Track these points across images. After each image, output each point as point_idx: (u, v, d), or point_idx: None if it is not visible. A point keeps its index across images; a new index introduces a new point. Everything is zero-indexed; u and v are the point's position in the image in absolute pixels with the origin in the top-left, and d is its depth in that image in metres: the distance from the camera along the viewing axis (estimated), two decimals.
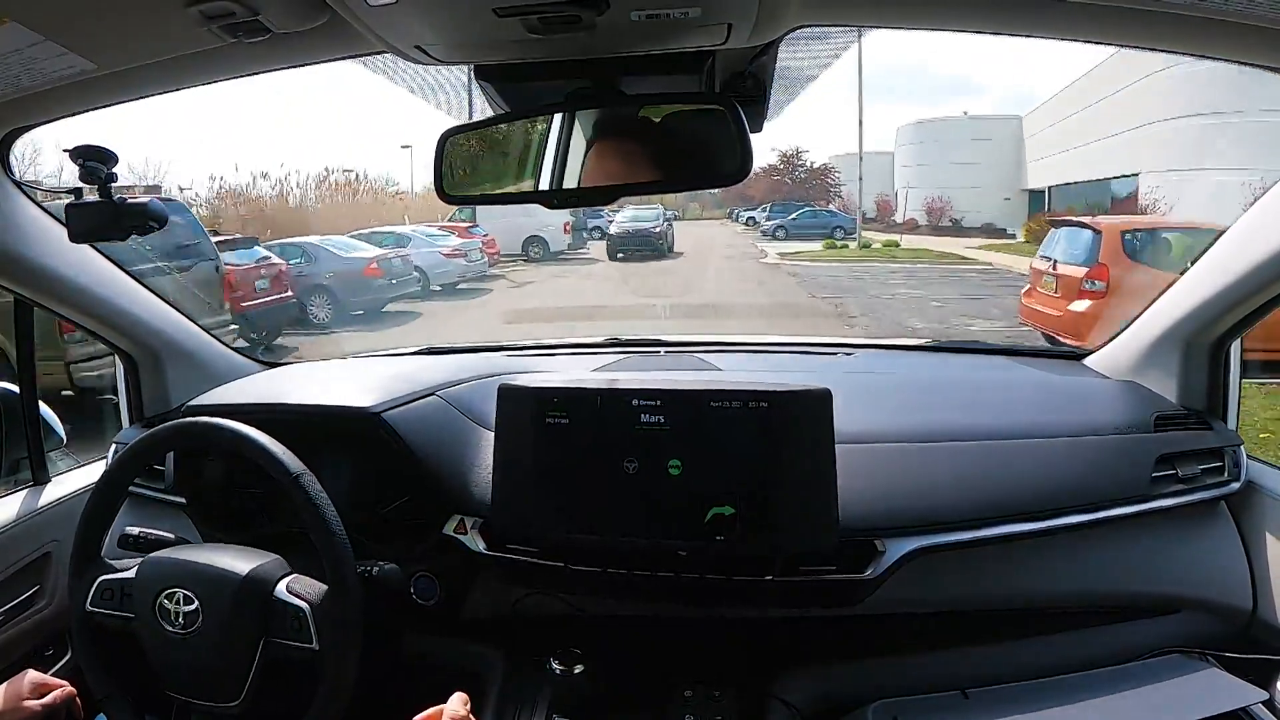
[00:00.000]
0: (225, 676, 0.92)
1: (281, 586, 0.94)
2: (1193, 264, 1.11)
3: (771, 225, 21.29)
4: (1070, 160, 18.04)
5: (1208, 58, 0.78)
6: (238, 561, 0.95)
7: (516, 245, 15.00)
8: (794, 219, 21.26)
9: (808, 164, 29.97)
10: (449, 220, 14.61)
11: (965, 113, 25.32)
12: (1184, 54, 0.80)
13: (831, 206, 24.44)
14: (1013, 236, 18.94)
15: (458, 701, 0.81)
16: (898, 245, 17.57)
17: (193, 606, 0.91)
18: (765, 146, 28.35)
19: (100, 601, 0.98)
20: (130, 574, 0.97)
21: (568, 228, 16.19)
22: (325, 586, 0.93)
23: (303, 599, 0.93)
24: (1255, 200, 1.00)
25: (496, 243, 13.61)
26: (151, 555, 0.98)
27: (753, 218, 24.94)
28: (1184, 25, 0.70)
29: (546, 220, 14.92)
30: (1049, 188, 19.94)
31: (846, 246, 17.58)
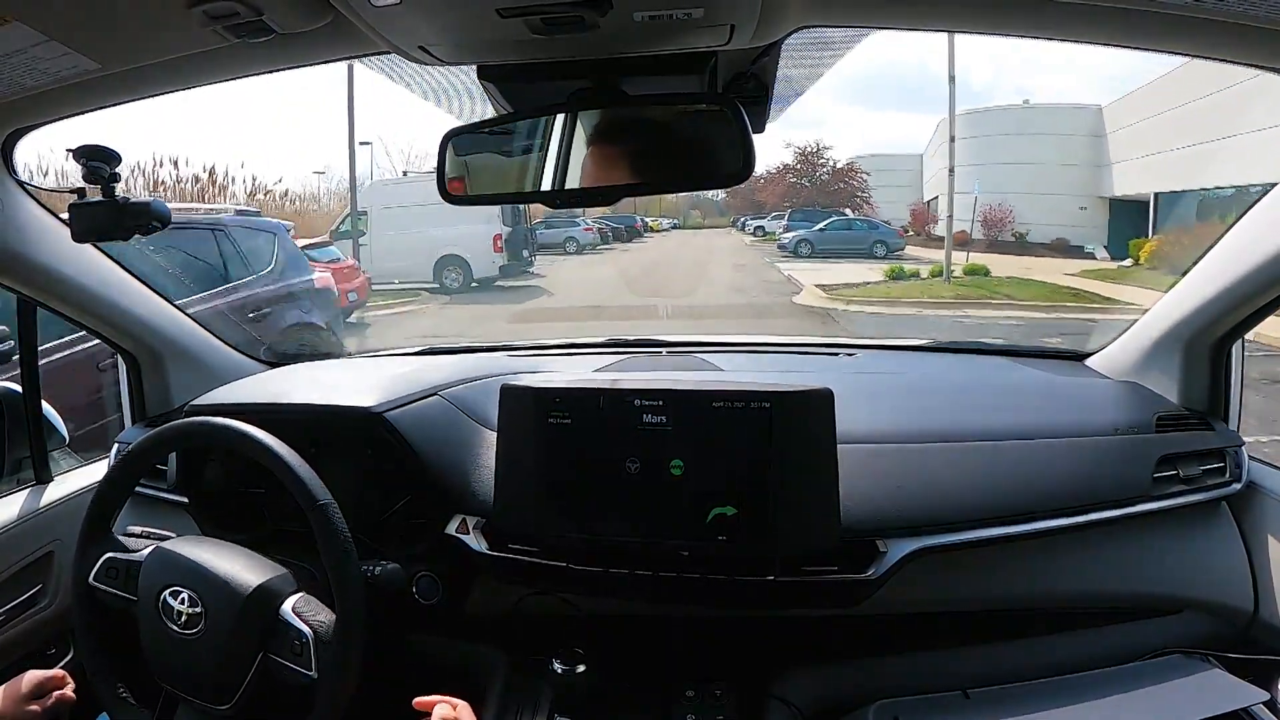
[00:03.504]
0: (219, 681, 0.91)
1: (288, 605, 0.93)
2: (1194, 264, 1.11)
3: (793, 238, 16.55)
4: (1191, 159, 12.88)
5: (1208, 58, 0.78)
6: (247, 571, 0.94)
7: (427, 269, 11.24)
8: (822, 230, 16.60)
9: (830, 163, 24.12)
10: (334, 232, 11.35)
11: (1026, 101, 19.93)
12: (1184, 54, 0.80)
13: (859, 215, 19.69)
14: (1091, 255, 15.29)
15: (446, 707, 0.81)
16: (988, 273, 12.50)
17: (197, 609, 0.91)
18: (779, 143, 24.19)
19: (104, 578, 0.98)
20: (139, 557, 0.97)
21: (499, 242, 11.50)
22: (331, 616, 0.92)
23: (308, 625, 0.91)
24: (1256, 201, 1.00)
25: (358, 273, 8.20)
26: (163, 544, 0.98)
27: (762, 227, 20.98)
28: (1184, 25, 0.70)
29: (468, 231, 10.91)
30: (1155, 195, 14.62)
31: (917, 274, 12.44)
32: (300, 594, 0.95)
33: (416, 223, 11.10)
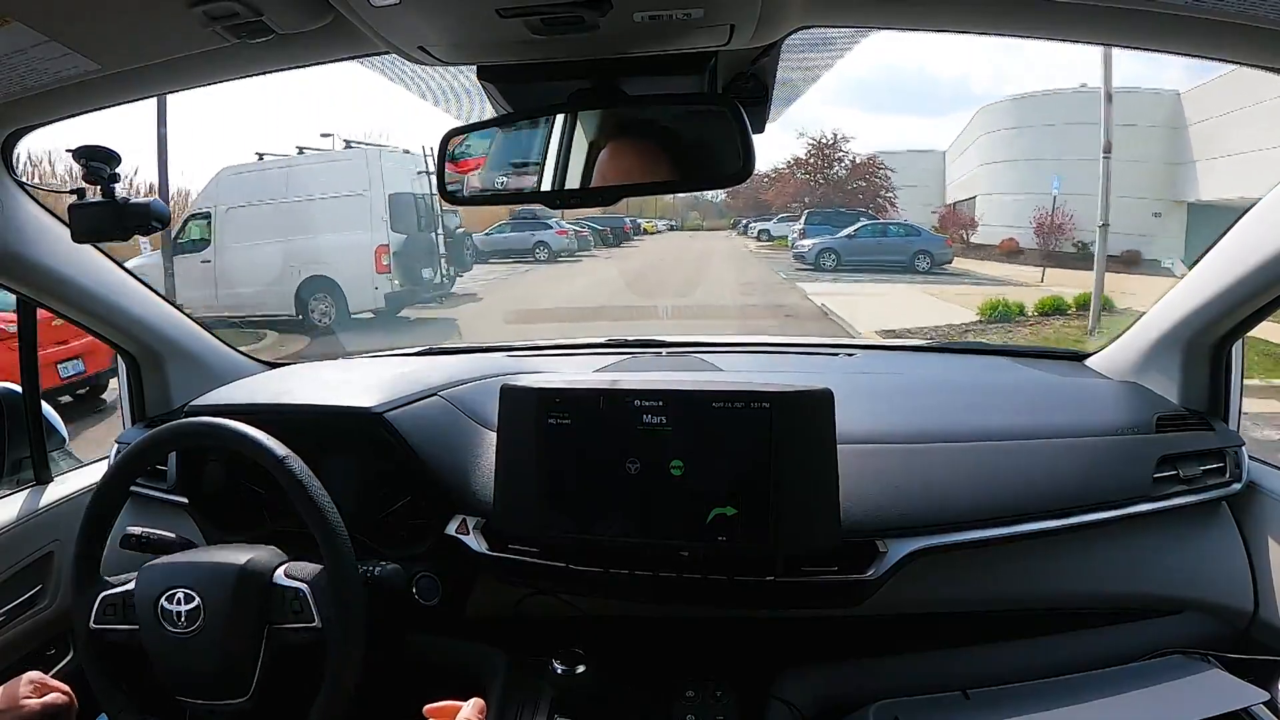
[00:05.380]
0: (232, 671, 0.92)
1: (279, 573, 0.95)
2: (1194, 266, 1.11)
3: (814, 247, 13.19)
4: None
5: (1208, 58, 0.78)
6: (234, 554, 0.95)
7: (289, 297, 7.93)
8: (851, 237, 13.15)
9: (850, 157, 20.34)
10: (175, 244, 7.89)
11: (1083, 85, 15.68)
12: (1184, 54, 0.80)
13: (890, 218, 16.29)
14: (1169, 271, 11.58)
15: (473, 709, 0.81)
16: (1110, 305, 8.36)
17: (193, 604, 0.92)
18: (790, 134, 20.77)
19: (104, 618, 0.98)
20: (130, 585, 0.98)
21: (383, 258, 7.87)
22: (321, 566, 0.94)
23: (300, 580, 0.94)
24: (1256, 203, 1.00)
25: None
26: (148, 564, 0.99)
27: (766, 230, 18.54)
28: (1184, 25, 0.70)
29: (338, 241, 7.72)
30: None
31: (1021, 310, 8.50)
32: (289, 561, 0.97)
33: (272, 228, 7.86)
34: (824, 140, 20.47)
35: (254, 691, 0.92)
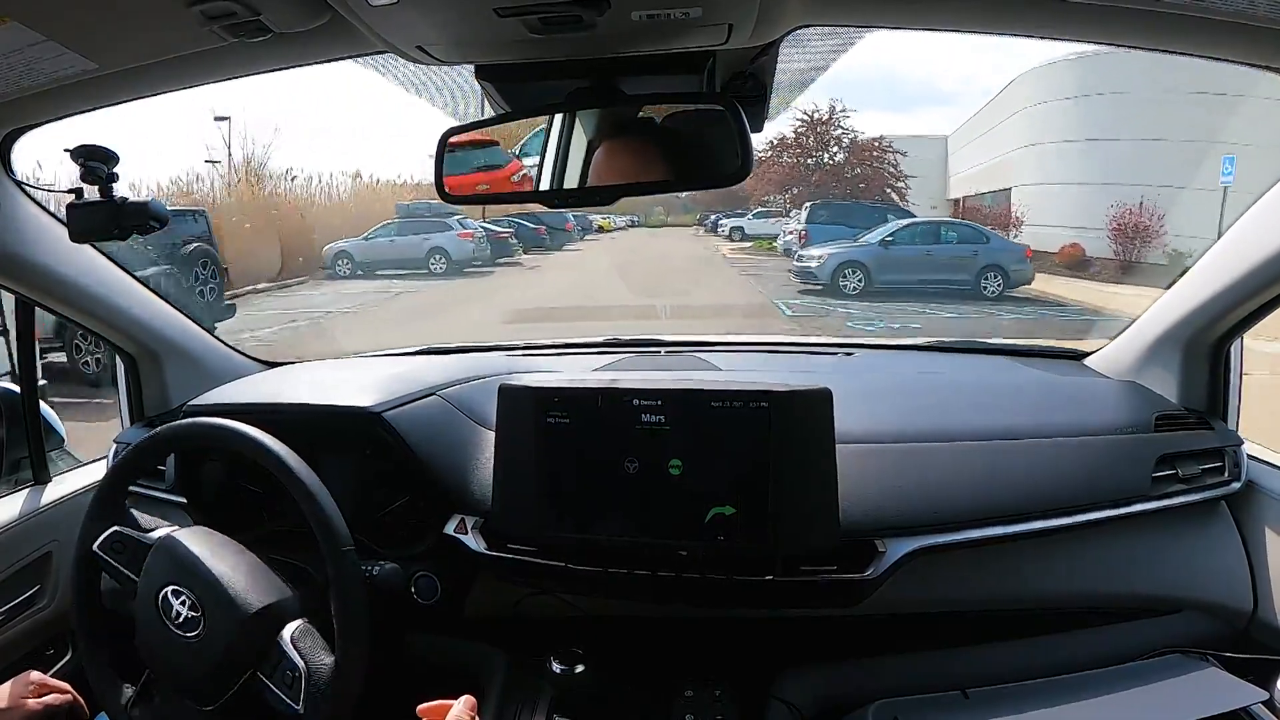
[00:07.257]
0: (205, 684, 0.91)
1: (287, 632, 0.92)
2: (1193, 264, 1.11)
3: (827, 260, 9.21)
4: None
5: (1208, 58, 0.78)
6: (254, 590, 0.93)
7: None
8: (886, 244, 9.21)
9: (851, 135, 16.02)
10: None
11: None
12: (1184, 54, 0.80)
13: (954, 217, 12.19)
14: None
15: (464, 706, 0.81)
16: None
17: (196, 614, 0.91)
18: (776, 108, 17.20)
19: (109, 549, 0.97)
20: (150, 539, 0.97)
21: None
22: (329, 658, 0.90)
23: (304, 660, 0.90)
24: (1256, 200, 1.00)
25: None
26: (176, 533, 0.97)
27: (740, 228, 15.30)
28: (1184, 25, 0.70)
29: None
30: None
31: None
32: (301, 621, 0.94)
33: None
34: (818, 116, 16.07)
35: (218, 708, 0.91)
